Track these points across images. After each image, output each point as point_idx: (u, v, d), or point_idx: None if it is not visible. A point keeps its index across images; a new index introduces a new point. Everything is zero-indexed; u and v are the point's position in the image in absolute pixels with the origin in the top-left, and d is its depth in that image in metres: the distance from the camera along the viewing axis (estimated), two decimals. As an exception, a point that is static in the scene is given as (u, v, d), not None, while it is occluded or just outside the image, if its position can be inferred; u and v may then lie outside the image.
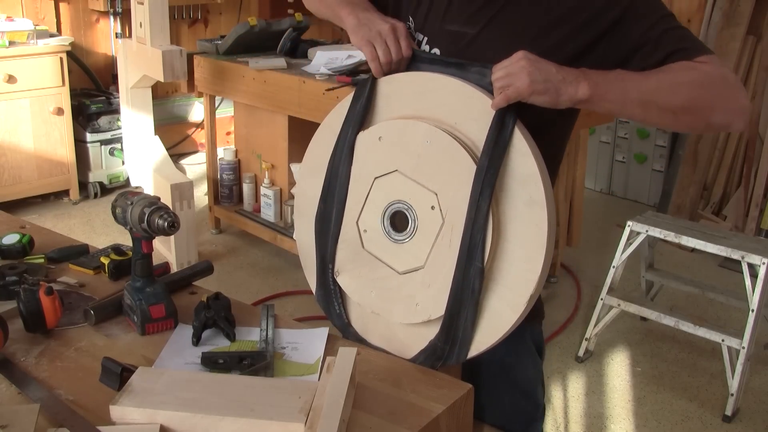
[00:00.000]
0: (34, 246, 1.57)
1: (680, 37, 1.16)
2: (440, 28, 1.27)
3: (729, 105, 1.14)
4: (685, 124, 1.15)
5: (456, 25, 1.25)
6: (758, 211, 3.91)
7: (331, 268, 1.26)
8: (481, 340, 1.13)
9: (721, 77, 1.13)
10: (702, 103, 1.12)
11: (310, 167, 1.30)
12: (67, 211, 4.34)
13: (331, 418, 0.96)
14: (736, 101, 1.14)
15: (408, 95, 1.18)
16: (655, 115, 1.13)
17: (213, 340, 1.25)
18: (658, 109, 1.11)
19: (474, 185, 1.08)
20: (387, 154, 1.18)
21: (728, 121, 1.14)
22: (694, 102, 1.12)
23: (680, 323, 2.72)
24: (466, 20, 1.24)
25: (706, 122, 1.15)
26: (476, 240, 1.08)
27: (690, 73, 1.12)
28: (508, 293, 1.10)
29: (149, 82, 3.78)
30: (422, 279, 1.15)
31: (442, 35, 1.26)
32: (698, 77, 1.11)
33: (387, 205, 1.18)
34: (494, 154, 1.07)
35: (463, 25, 1.24)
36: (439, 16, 1.27)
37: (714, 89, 1.12)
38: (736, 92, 1.14)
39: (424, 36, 1.29)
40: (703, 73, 1.12)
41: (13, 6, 4.45)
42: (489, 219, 1.07)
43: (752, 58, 4.09)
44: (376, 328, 1.25)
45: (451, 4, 1.26)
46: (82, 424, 1.01)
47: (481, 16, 1.23)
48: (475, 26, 1.23)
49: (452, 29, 1.25)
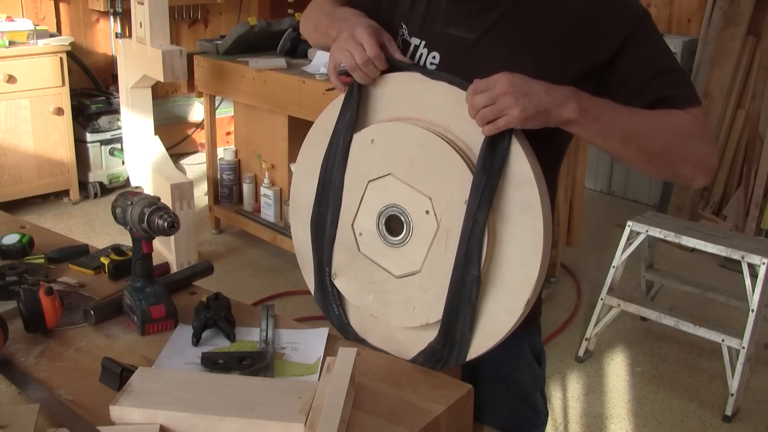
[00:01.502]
0: (34, 246, 1.57)
1: (674, 82, 1.15)
2: (439, 32, 1.23)
3: (701, 161, 1.15)
4: (656, 169, 1.16)
5: (455, 29, 1.21)
6: (758, 211, 3.91)
7: (328, 271, 1.26)
8: (479, 343, 1.13)
9: (700, 133, 1.14)
10: (678, 154, 1.14)
11: (304, 167, 1.29)
12: (67, 211, 4.34)
13: (331, 418, 0.96)
14: (708, 159, 1.16)
15: (401, 96, 1.17)
16: (631, 154, 1.13)
17: (213, 340, 1.25)
18: (636, 150, 1.12)
19: (471, 200, 1.06)
20: (380, 158, 1.16)
21: (694, 175, 1.16)
22: (671, 151, 1.13)
23: (680, 323, 2.72)
24: (467, 24, 1.20)
25: (675, 172, 1.17)
26: (473, 250, 1.07)
27: (675, 122, 1.12)
28: (505, 297, 1.09)
29: (149, 82, 3.78)
30: (419, 283, 1.15)
31: (441, 39, 1.22)
32: (682, 128, 1.12)
33: (381, 208, 1.18)
34: (491, 171, 1.05)
35: (464, 30, 1.20)
36: (437, 19, 1.23)
37: (692, 143, 1.14)
38: (710, 150, 1.16)
39: (422, 40, 1.24)
40: (686, 125, 1.13)
41: (13, 6, 4.45)
42: (486, 230, 1.06)
43: (752, 58, 4.09)
44: (375, 330, 1.25)
45: (451, 7, 1.22)
46: (82, 424, 1.01)
47: (482, 21, 1.19)
48: (475, 31, 1.19)
49: (452, 33, 1.22)
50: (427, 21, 1.25)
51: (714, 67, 4.10)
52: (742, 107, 4.12)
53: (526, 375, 1.39)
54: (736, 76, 4.08)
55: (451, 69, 1.17)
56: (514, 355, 1.34)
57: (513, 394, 1.38)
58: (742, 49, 4.07)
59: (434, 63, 1.23)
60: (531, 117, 1.03)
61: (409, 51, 1.25)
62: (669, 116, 1.13)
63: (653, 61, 1.15)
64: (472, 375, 1.30)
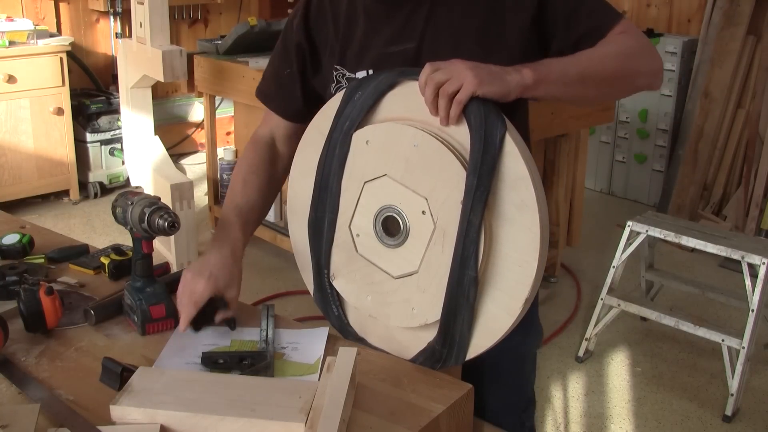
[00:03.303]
0: (34, 246, 1.57)
1: (589, 13, 1.22)
2: (381, 54, 1.26)
3: (650, 68, 1.24)
4: (618, 90, 1.27)
5: (394, 45, 1.25)
6: (758, 211, 3.91)
7: (326, 273, 1.25)
8: (478, 343, 1.13)
9: (636, 44, 1.21)
10: (629, 70, 1.21)
11: (300, 169, 1.29)
12: (67, 211, 4.34)
13: (332, 418, 0.96)
14: (654, 63, 1.24)
15: (396, 96, 1.16)
16: (593, 88, 1.19)
17: (213, 340, 1.25)
18: (594, 82, 1.18)
19: (464, 202, 1.06)
20: (375, 158, 1.16)
21: (649, 82, 1.24)
22: (622, 70, 1.20)
23: (680, 323, 2.72)
24: (400, 36, 1.24)
25: (634, 86, 1.24)
26: (469, 251, 1.07)
27: (611, 48, 1.20)
28: (503, 297, 1.09)
29: (149, 82, 3.78)
30: (417, 284, 1.15)
31: (388, 59, 1.25)
32: (620, 49, 1.20)
33: (378, 209, 1.17)
34: (483, 173, 1.05)
35: (402, 42, 1.24)
36: (376, 45, 1.26)
37: (635, 56, 1.21)
38: (652, 55, 1.24)
39: (368, 69, 1.26)
40: (621, 44, 1.20)
41: (13, 6, 4.45)
42: (481, 231, 1.06)
43: (752, 58, 4.09)
44: (375, 330, 1.25)
45: (378, 28, 1.26)
46: (82, 424, 1.01)
47: (412, 27, 1.23)
48: (412, 39, 1.24)
49: (393, 50, 1.25)
50: (365, 50, 1.28)
51: (714, 67, 4.10)
52: (742, 107, 4.12)
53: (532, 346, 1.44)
54: (736, 76, 4.09)
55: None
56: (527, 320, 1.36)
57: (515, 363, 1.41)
58: (742, 49, 4.07)
59: None
60: (485, 80, 1.05)
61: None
62: (604, 44, 1.20)
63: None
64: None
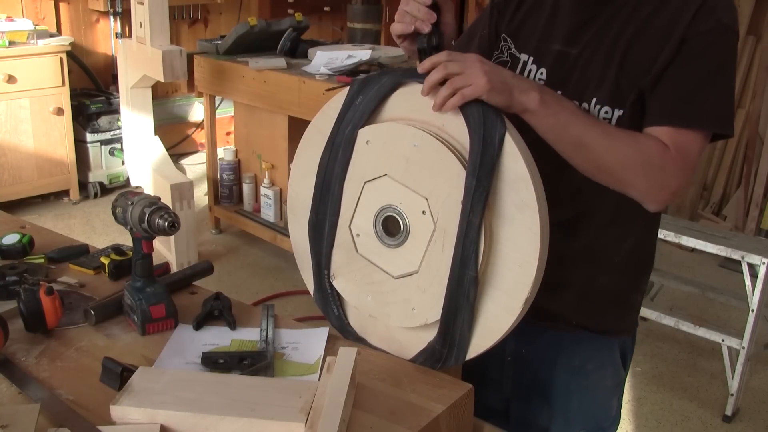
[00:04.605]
0: (34, 246, 1.57)
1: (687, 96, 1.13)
2: (546, 48, 1.26)
3: (650, 190, 1.14)
4: (604, 182, 1.15)
5: (559, 45, 1.25)
6: (758, 211, 3.91)
7: (326, 273, 1.25)
8: (478, 343, 1.13)
9: (661, 163, 1.12)
10: (627, 176, 1.13)
11: (301, 169, 1.29)
12: (67, 211, 4.34)
13: (332, 418, 0.96)
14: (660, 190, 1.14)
15: (398, 97, 1.16)
16: (580, 161, 1.14)
17: (213, 340, 1.25)
18: (585, 159, 1.13)
19: (464, 202, 1.06)
20: (375, 158, 1.16)
21: (643, 199, 1.15)
22: (621, 172, 1.13)
23: (680, 323, 2.72)
24: (568, 39, 1.24)
25: (623, 190, 1.16)
26: (469, 251, 1.07)
27: (635, 145, 1.12)
28: (503, 297, 1.09)
29: (149, 82, 3.78)
30: (417, 284, 1.14)
31: (548, 54, 1.26)
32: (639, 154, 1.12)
33: (378, 209, 1.17)
34: (482, 173, 1.05)
35: (566, 45, 1.24)
36: (546, 36, 1.27)
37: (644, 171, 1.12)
38: (666, 181, 1.13)
39: (530, 56, 1.28)
40: (647, 151, 1.12)
41: (13, 6, 4.45)
42: (481, 231, 1.06)
43: (752, 58, 4.10)
44: (375, 330, 1.25)
45: (554, 22, 1.26)
46: (83, 424, 1.01)
47: (582, 35, 1.22)
48: (576, 46, 1.23)
49: (557, 48, 1.25)
50: (538, 37, 1.28)
51: (714, 67, 4.10)
52: (742, 107, 4.12)
53: (609, 377, 1.39)
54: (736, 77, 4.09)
55: (554, 85, 1.21)
56: (605, 355, 1.35)
57: (590, 391, 1.38)
58: (742, 49, 4.07)
59: (542, 79, 1.26)
60: (496, 88, 1.05)
61: (518, 66, 1.29)
62: (632, 137, 1.13)
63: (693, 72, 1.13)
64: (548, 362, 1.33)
